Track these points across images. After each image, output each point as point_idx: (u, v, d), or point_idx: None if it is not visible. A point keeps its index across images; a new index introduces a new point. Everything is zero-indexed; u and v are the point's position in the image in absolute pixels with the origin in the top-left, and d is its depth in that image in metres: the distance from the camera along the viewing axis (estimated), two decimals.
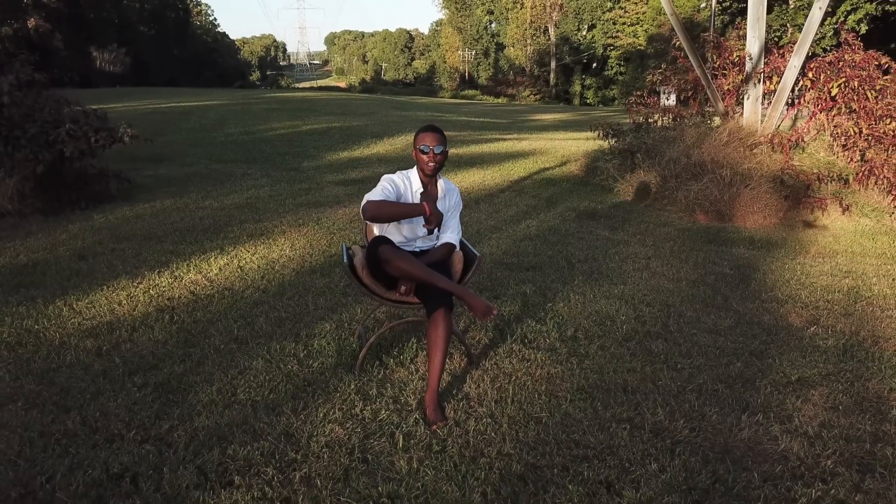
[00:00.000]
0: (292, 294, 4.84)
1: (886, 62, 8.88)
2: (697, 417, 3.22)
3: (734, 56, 9.40)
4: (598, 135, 10.26)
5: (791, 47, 9.23)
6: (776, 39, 47.27)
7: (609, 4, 64.14)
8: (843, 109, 8.72)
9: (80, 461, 2.75)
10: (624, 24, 60.79)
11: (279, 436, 2.98)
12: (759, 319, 4.59)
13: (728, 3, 49.67)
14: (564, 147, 13.78)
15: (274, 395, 3.36)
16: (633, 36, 59.46)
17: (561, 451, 2.89)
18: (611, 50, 63.27)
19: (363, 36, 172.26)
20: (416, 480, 2.67)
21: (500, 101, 60.56)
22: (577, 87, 66.71)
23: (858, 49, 9.08)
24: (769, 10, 46.22)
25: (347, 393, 3.37)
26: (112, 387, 3.42)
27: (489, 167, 11.14)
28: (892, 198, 8.19)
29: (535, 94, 64.76)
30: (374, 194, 3.31)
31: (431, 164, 3.39)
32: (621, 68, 61.89)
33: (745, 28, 9.17)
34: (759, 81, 9.14)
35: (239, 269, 5.39)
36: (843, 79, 8.53)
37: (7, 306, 4.50)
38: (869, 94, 8.41)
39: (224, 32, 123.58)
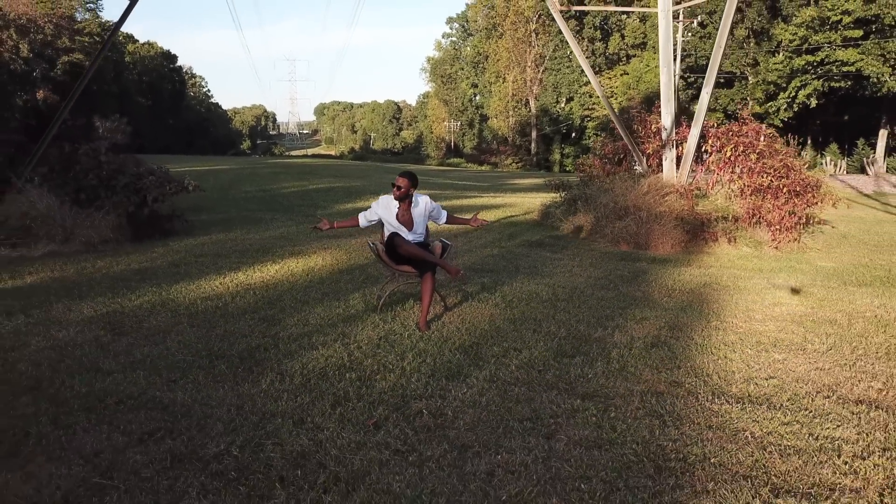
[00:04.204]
0: (330, 282, 7.31)
1: (769, 132, 11.68)
2: (573, 330, 5.68)
3: (653, 127, 12.19)
4: (551, 188, 12.95)
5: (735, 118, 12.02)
6: (738, 111, 51.36)
7: (585, 79, 68.49)
8: (737, 168, 11.44)
9: (231, 344, 5.17)
10: (599, 96, 65.01)
11: (338, 335, 5.40)
12: (634, 295, 7.10)
13: (693, 79, 54.03)
14: (531, 202, 16.48)
15: (331, 322, 5.80)
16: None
17: (493, 339, 5.35)
18: (587, 120, 67.40)
19: (352, 107, 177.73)
20: (414, 345, 5.11)
21: (483, 168, 64.05)
22: (556, 156, 70.47)
23: (750, 122, 11.88)
24: (730, 86, 49.65)
25: (374, 320, 5.81)
26: (234, 320, 5.84)
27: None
28: (770, 233, 10.81)
29: (517, 163, 68.45)
30: (362, 214, 6.02)
31: (396, 192, 5.88)
32: (598, 137, 65.72)
33: (661, 106, 11.98)
34: (672, 146, 11.88)
35: (290, 271, 7.86)
36: (733, 144, 11.27)
37: (141, 289, 6.91)
38: (752, 156, 11.14)
39: (217, 103, 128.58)
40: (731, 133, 11.45)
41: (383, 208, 5.99)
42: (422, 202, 6.12)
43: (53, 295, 6.59)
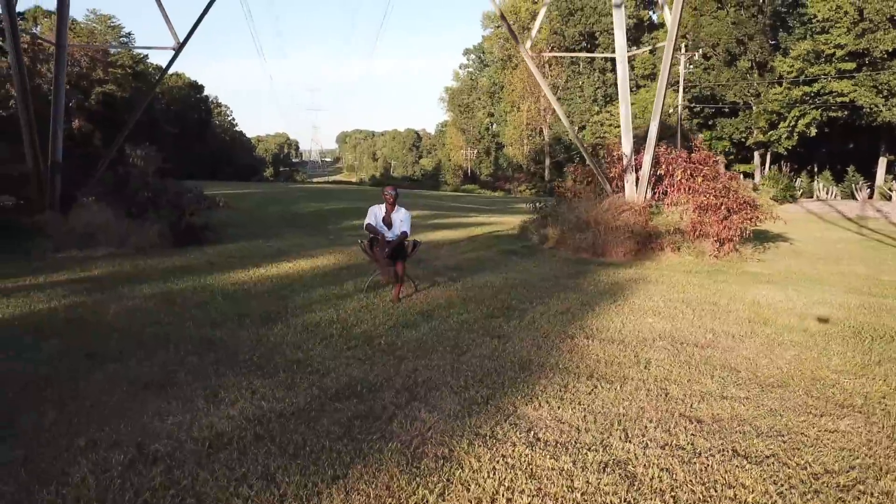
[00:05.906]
0: (331, 275, 9.31)
1: (718, 160, 13.56)
2: (507, 303, 7.58)
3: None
4: (527, 207, 14.95)
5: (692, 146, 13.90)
6: (744, 139, 53.21)
7: (596, 108, 70.77)
8: (686, 189, 13.30)
9: (253, 309, 7.15)
10: (610, 125, 66.97)
11: (332, 305, 7.37)
12: (571, 286, 9.00)
13: (698, 109, 55.95)
14: (519, 220, 18.44)
15: (328, 298, 7.77)
16: (618, 136, 65.56)
17: (444, 308, 7.29)
18: (599, 148, 69.24)
19: (373, 135, 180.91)
20: (386, 311, 7.06)
21: (496, 194, 66.18)
22: (569, 182, 72.39)
23: (701, 150, 13.78)
24: (735, 115, 51.07)
25: (360, 297, 7.78)
26: (259, 297, 7.84)
27: (458, 229, 15.81)
28: (711, 244, 12.63)
29: (530, 189, 70.55)
30: (368, 220, 7.91)
31: (388, 198, 7.93)
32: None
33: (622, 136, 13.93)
34: (633, 170, 13.79)
35: (300, 268, 9.88)
36: (682, 168, 13.16)
37: (184, 278, 8.93)
38: (698, 179, 13.02)
39: (241, 131, 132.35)
40: (679, 159, 13.35)
41: (373, 215, 8.01)
42: (402, 211, 8.12)
43: (118, 281, 8.64)
